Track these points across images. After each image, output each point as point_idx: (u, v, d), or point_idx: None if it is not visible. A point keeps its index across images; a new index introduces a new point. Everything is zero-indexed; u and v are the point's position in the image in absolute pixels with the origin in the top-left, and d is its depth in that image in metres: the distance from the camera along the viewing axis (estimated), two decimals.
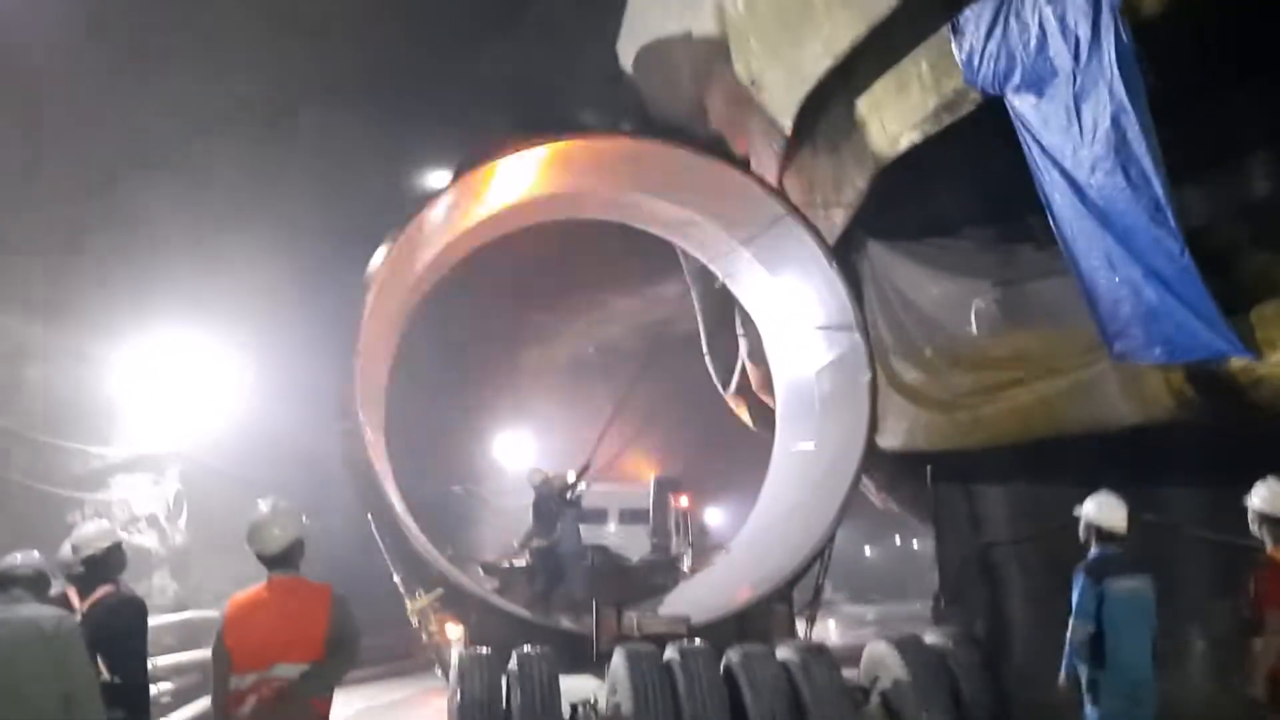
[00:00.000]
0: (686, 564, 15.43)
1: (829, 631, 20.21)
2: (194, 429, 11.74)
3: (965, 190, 8.73)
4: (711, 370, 15.85)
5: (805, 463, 12.64)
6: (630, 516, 17.69)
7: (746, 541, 13.76)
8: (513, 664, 7.37)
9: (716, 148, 11.36)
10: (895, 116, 7.34)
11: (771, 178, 10.78)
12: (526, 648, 7.50)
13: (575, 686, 7.74)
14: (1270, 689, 4.99)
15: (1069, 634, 5.68)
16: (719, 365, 15.69)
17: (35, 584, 4.33)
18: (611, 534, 16.37)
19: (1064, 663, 5.77)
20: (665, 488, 17.75)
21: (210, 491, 11.93)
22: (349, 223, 11.82)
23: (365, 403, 10.04)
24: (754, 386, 14.73)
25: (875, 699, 7.98)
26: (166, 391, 11.36)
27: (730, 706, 7.13)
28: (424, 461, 15.45)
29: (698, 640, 7.90)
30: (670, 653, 7.41)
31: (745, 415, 15.64)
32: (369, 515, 9.80)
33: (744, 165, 11.11)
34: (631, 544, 15.94)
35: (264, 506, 4.55)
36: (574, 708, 7.34)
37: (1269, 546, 5.17)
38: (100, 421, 10.94)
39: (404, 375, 12.48)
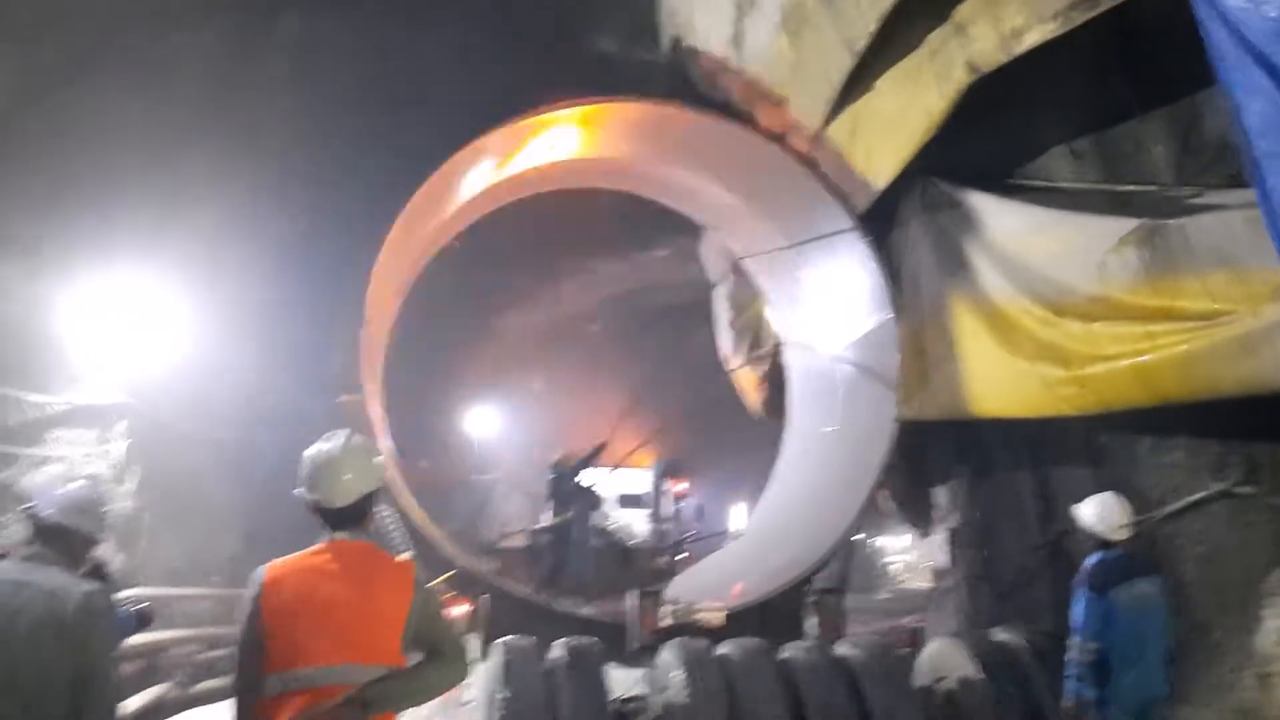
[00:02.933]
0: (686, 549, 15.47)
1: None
2: (148, 379, 10.32)
3: (1050, 123, 7.77)
4: (725, 351, 14.95)
5: (825, 446, 12.34)
6: (629, 500, 17.78)
7: (760, 527, 13.55)
8: (559, 655, 6.66)
9: (739, 113, 10.59)
10: (1023, 6, 6.24)
11: (803, 145, 9.98)
12: (574, 639, 6.82)
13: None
14: None
15: (1070, 654, 5.35)
16: (736, 345, 14.79)
17: (73, 542, 3.50)
18: (611, 518, 15.76)
19: (1068, 686, 5.38)
20: (665, 472, 17.75)
21: (164, 451, 10.49)
22: (351, 159, 10.50)
23: (367, 373, 9.61)
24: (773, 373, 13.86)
25: (942, 699, 7.20)
26: (117, 333, 9.97)
27: (789, 706, 6.47)
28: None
29: None
30: (725, 648, 6.79)
31: (754, 398, 14.77)
32: None
33: (771, 134, 10.39)
34: (631, 528, 15.99)
35: (332, 441, 3.28)
36: (620, 704, 6.63)
37: None
38: (38, 366, 9.51)
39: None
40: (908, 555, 28.15)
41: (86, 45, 8.93)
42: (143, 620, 4.72)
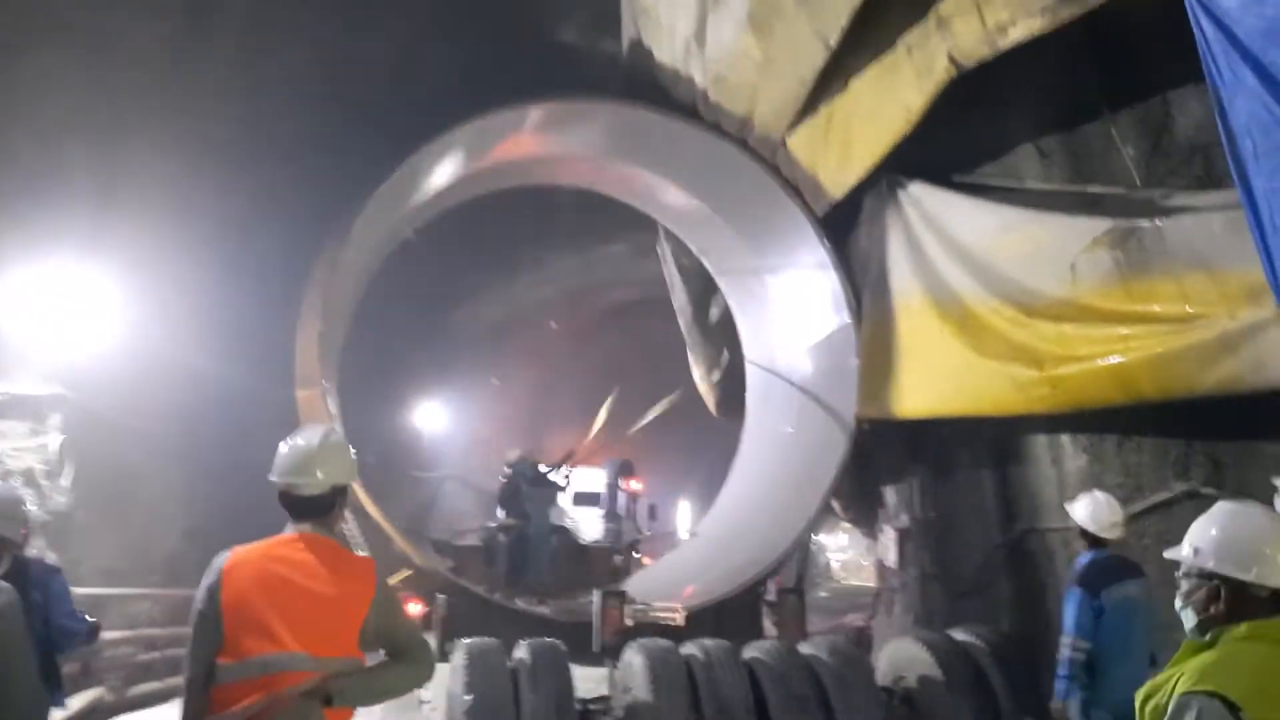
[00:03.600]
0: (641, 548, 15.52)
1: None
2: (84, 369, 9.88)
3: (1017, 122, 7.74)
4: (691, 354, 14.88)
5: (783, 447, 12.37)
6: (584, 499, 17.87)
7: (717, 526, 13.54)
8: (522, 655, 6.57)
9: (704, 116, 10.60)
10: (1008, 1, 6.16)
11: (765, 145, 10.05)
12: (537, 640, 6.76)
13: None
14: None
15: (1062, 652, 5.29)
16: (696, 348, 14.72)
17: None
18: (565, 516, 15.57)
19: (1057, 683, 5.34)
20: (620, 471, 17.88)
21: (101, 445, 10.07)
22: (306, 145, 10.15)
23: (325, 367, 9.57)
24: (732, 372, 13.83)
25: (901, 698, 7.33)
26: (51, 321, 9.53)
27: (755, 707, 6.50)
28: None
29: None
30: (690, 648, 6.77)
31: (713, 399, 14.71)
32: None
33: (731, 136, 10.44)
34: (585, 526, 16.05)
35: (309, 433, 3.32)
36: (585, 704, 6.62)
37: None
38: None
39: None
40: (844, 554, 28.54)
41: (24, 15, 8.45)
42: (94, 631, 4.69)
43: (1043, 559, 8.03)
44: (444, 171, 11.21)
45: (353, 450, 3.41)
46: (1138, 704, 2.58)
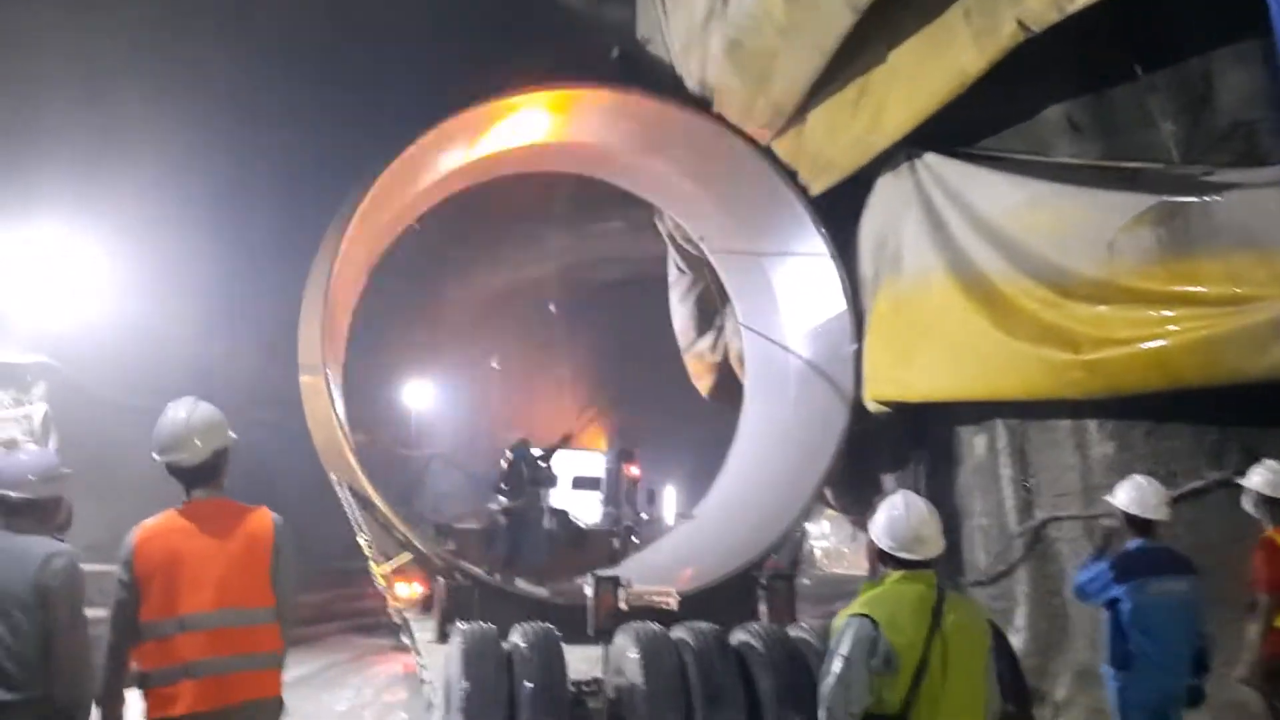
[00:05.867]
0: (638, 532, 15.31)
1: None
2: (70, 338, 9.54)
3: (1046, 93, 7.47)
4: (679, 334, 14.63)
5: (780, 433, 12.11)
6: (583, 483, 17.80)
7: (711, 511, 13.15)
8: (517, 639, 6.52)
9: (700, 102, 10.52)
10: None
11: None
12: (531, 625, 6.68)
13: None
14: (1262, 673, 4.97)
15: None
16: (686, 326, 14.48)
17: (42, 510, 3.80)
18: (564, 499, 15.43)
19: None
20: (620, 457, 17.71)
21: (86, 416, 9.74)
22: (315, 102, 9.81)
23: (330, 351, 9.40)
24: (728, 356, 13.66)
25: None
26: (36, 287, 9.19)
27: (744, 688, 6.47)
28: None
29: None
30: (680, 632, 6.78)
31: (705, 381, 14.46)
32: (333, 475, 9.22)
33: (733, 126, 10.38)
34: (583, 510, 15.68)
35: (179, 408, 3.69)
36: (578, 687, 6.60)
37: (1270, 528, 5.10)
38: None
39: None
40: (825, 541, 28.49)
41: None
42: None
43: (1064, 549, 7.81)
44: (444, 160, 11.02)
45: (221, 416, 3.70)
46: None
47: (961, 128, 8.14)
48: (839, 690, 3.41)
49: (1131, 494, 5.23)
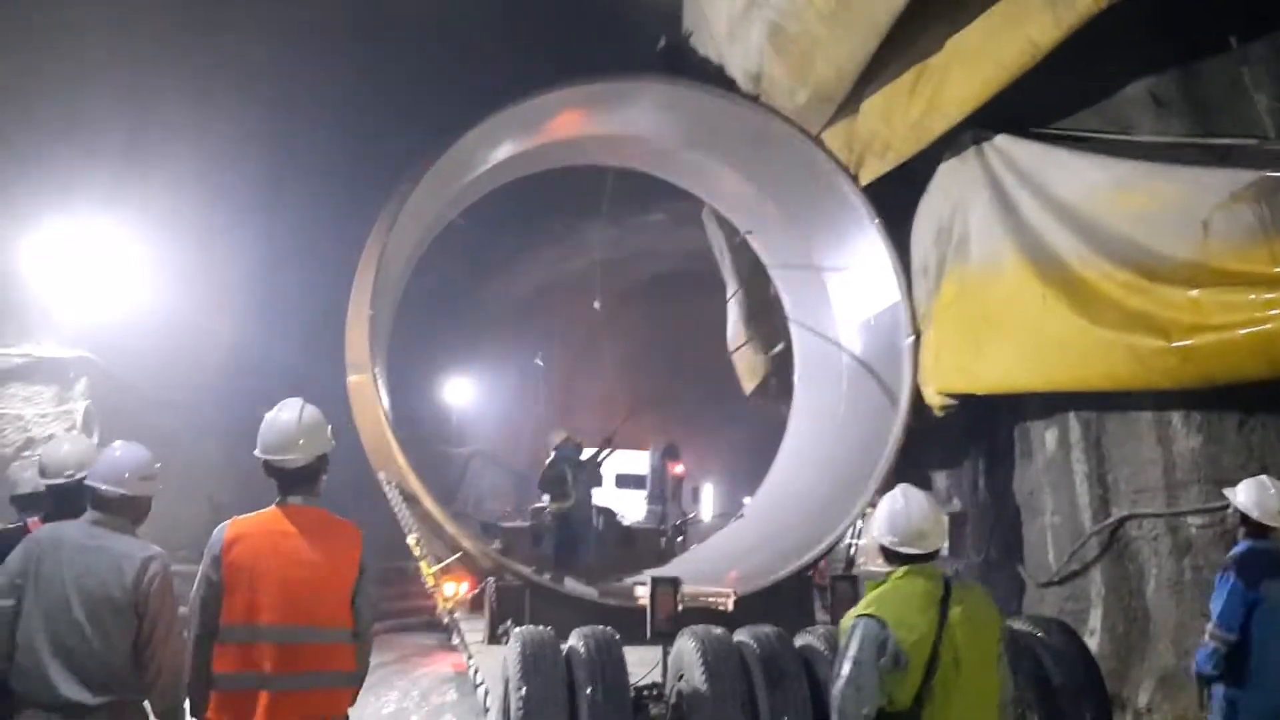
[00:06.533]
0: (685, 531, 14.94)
1: None
2: (112, 333, 9.39)
3: (1127, 66, 7.06)
4: (730, 332, 14.56)
5: (832, 429, 11.93)
6: (627, 481, 17.75)
7: (762, 509, 12.93)
8: (576, 644, 6.31)
9: (746, 93, 10.28)
10: None
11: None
12: (590, 628, 6.48)
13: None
14: None
15: (1205, 640, 4.93)
16: (737, 328, 14.25)
17: (137, 508, 3.78)
18: (609, 498, 15.26)
19: (1197, 669, 5.02)
20: (665, 455, 17.38)
21: (129, 412, 9.55)
22: (361, 98, 9.61)
23: (376, 351, 9.36)
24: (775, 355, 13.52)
25: None
26: (78, 282, 9.04)
27: (810, 693, 6.17)
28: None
29: None
30: (742, 635, 6.56)
31: (750, 382, 14.21)
32: (381, 475, 9.18)
33: (781, 114, 10.13)
34: (629, 509, 15.67)
35: (289, 409, 3.63)
36: (639, 692, 6.48)
37: None
38: None
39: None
40: (858, 539, 27.94)
41: None
42: None
43: (1144, 547, 7.42)
44: (490, 154, 10.92)
45: (328, 423, 3.69)
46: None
47: (1029, 109, 7.77)
48: (850, 692, 3.39)
49: (1254, 494, 4.88)
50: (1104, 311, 6.44)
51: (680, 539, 14.03)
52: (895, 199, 9.79)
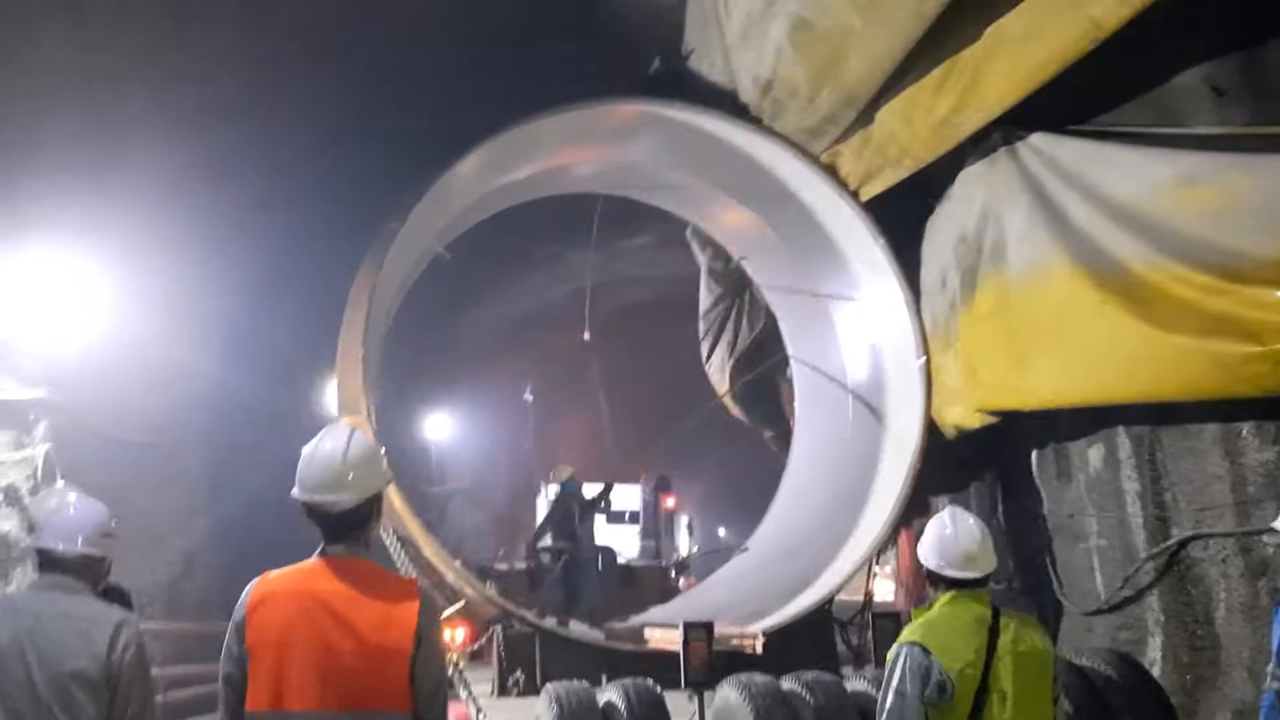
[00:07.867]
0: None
1: None
2: (73, 372, 8.68)
3: (1180, 53, 6.64)
4: (708, 360, 14.19)
5: (839, 457, 11.59)
6: (619, 516, 16.90)
7: (765, 544, 12.50)
8: (614, 698, 6.09)
9: (747, 112, 10.02)
10: None
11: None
12: (629, 681, 6.29)
13: None
14: None
15: (1268, 683, 4.50)
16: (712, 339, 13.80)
17: (95, 568, 3.28)
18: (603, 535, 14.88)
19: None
20: (657, 488, 17.11)
21: (92, 457, 8.83)
22: (335, 121, 9.05)
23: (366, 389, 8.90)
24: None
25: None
26: (37, 319, 8.36)
27: None
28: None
29: None
30: (790, 684, 6.29)
31: (720, 384, 13.82)
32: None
33: (784, 137, 9.89)
34: (621, 545, 14.95)
35: (334, 438, 2.87)
36: None
37: None
38: None
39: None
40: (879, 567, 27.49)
41: None
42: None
43: (1210, 570, 6.91)
44: (479, 184, 10.60)
45: (382, 454, 2.97)
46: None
47: (1060, 105, 7.30)
48: None
49: None
50: (1178, 317, 5.97)
51: (681, 576, 13.53)
52: (899, 212, 9.47)
